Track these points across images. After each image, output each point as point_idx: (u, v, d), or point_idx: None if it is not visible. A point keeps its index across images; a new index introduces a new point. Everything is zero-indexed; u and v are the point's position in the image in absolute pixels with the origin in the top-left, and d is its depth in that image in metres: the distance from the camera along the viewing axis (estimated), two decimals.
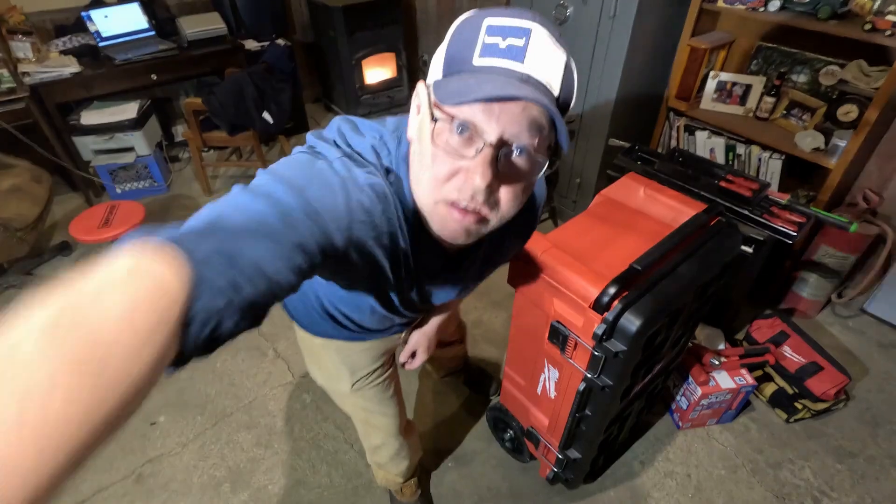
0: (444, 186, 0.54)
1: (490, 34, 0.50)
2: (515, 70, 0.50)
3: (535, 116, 0.50)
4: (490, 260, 0.79)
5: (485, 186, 0.51)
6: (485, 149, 0.50)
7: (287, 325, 2.19)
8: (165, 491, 1.62)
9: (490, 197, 0.53)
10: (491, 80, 0.49)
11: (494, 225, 0.58)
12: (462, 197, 0.53)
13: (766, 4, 1.87)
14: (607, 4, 1.97)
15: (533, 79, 0.50)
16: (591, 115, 2.27)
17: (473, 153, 0.51)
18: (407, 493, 1.52)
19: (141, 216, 2.12)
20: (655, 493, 1.59)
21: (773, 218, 1.63)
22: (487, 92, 0.47)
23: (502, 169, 0.53)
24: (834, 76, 1.91)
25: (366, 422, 1.23)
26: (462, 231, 0.57)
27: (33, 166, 2.35)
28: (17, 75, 2.48)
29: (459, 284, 0.79)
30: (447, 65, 0.53)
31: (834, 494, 1.59)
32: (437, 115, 0.51)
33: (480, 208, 0.54)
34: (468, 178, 0.52)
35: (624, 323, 0.98)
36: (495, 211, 0.56)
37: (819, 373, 1.71)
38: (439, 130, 0.52)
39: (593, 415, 1.21)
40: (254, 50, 3.15)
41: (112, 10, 2.82)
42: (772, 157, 2.02)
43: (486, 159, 0.50)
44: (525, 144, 0.51)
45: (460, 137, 0.51)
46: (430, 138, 0.53)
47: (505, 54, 0.50)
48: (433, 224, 0.58)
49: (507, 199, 0.55)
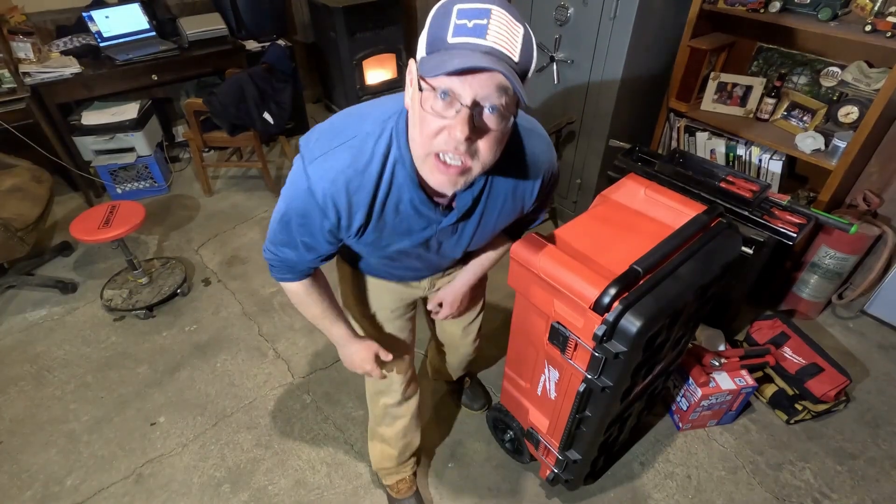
0: (433, 141, 0.67)
1: (459, 17, 0.62)
2: (480, 44, 0.61)
3: (500, 81, 0.62)
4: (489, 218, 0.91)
5: (464, 138, 0.64)
6: (462, 109, 0.63)
7: (287, 325, 2.19)
8: (165, 491, 1.62)
9: (470, 147, 0.67)
10: (461, 54, 0.60)
11: (478, 172, 0.72)
12: (448, 148, 0.67)
13: (767, 6, 1.87)
14: (608, 6, 1.97)
15: (496, 50, 0.61)
16: (592, 115, 2.27)
17: (454, 113, 0.64)
18: (402, 490, 1.52)
19: (141, 217, 2.12)
20: (656, 495, 1.59)
21: (773, 219, 1.63)
22: (457, 65, 0.59)
23: (478, 124, 0.66)
24: (834, 78, 1.91)
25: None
26: (447, 181, 0.71)
27: (34, 166, 2.36)
28: (18, 75, 2.48)
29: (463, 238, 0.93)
30: (429, 45, 0.64)
31: (834, 496, 1.59)
32: (423, 86, 0.65)
33: (464, 158, 0.68)
34: (451, 133, 0.65)
35: (624, 324, 0.98)
36: (476, 160, 0.69)
37: (819, 374, 1.71)
38: (426, 97, 0.65)
39: (593, 416, 1.21)
40: (254, 50, 3.15)
41: (113, 10, 2.82)
42: (772, 159, 2.02)
43: (464, 117, 0.63)
44: (494, 104, 0.64)
45: (443, 102, 0.64)
46: (419, 105, 0.66)
47: (471, 33, 0.61)
48: (424, 174, 0.73)
49: (484, 148, 0.68)
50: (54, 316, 2.25)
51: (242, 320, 2.21)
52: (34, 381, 1.96)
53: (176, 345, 2.10)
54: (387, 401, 1.33)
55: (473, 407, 1.83)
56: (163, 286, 2.31)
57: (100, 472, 1.67)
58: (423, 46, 0.66)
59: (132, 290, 2.29)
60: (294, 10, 3.65)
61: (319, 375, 1.97)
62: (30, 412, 1.85)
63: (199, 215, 2.88)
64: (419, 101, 0.66)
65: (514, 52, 0.63)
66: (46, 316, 2.24)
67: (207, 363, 2.02)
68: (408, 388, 1.33)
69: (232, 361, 2.03)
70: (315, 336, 2.13)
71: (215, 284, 2.40)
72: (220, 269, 2.49)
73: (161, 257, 2.52)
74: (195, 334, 2.15)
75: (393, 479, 1.52)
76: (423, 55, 0.65)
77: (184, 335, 2.15)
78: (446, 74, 0.61)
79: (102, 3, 2.84)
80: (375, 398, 1.36)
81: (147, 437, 1.77)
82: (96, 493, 1.62)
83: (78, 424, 1.81)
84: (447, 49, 0.62)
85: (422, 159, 0.71)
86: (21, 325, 2.20)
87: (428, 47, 0.65)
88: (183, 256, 2.56)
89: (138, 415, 1.84)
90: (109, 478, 1.65)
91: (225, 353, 2.06)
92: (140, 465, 1.69)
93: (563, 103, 2.37)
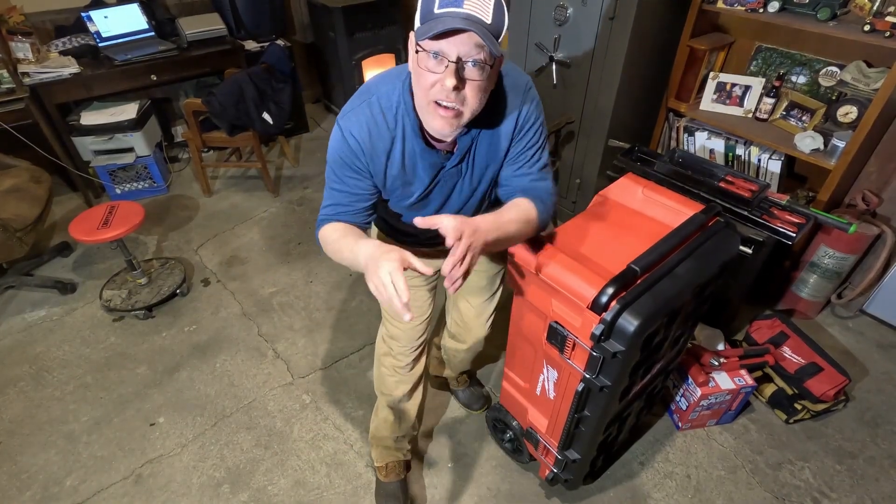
0: (430, 91, 0.86)
1: None
2: (459, 12, 0.79)
3: (477, 40, 0.79)
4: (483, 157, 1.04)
5: (452, 87, 0.82)
6: (450, 65, 0.82)
7: (286, 325, 2.19)
8: (165, 492, 1.62)
9: (459, 94, 0.85)
10: (443, 21, 0.78)
11: (468, 116, 0.89)
12: (441, 96, 0.85)
13: (766, 5, 1.87)
14: (607, 6, 1.97)
15: (472, 16, 0.79)
16: (591, 115, 2.27)
17: (443, 68, 0.83)
18: (391, 474, 1.54)
19: (140, 217, 2.12)
20: (655, 494, 1.59)
21: (772, 219, 1.63)
22: (440, 28, 0.78)
23: (464, 76, 0.84)
24: (833, 77, 1.91)
25: (390, 321, 1.34)
26: (446, 123, 0.88)
27: (33, 167, 2.36)
28: (17, 76, 2.49)
29: (466, 180, 1.07)
30: (421, 17, 0.83)
31: (833, 495, 1.59)
32: (418, 49, 0.84)
33: (455, 105, 0.86)
34: (443, 83, 0.83)
35: (622, 323, 0.98)
36: (466, 105, 0.87)
37: (818, 374, 1.71)
38: (421, 58, 0.84)
39: (592, 415, 1.21)
40: (253, 50, 3.15)
41: (112, 10, 2.82)
42: (771, 158, 2.02)
43: (451, 70, 0.82)
44: (475, 58, 0.82)
45: (434, 60, 0.83)
46: (417, 64, 0.86)
47: (451, 4, 0.79)
48: (427, 122, 0.92)
49: (471, 94, 0.86)
50: (53, 316, 2.25)
51: (242, 320, 2.21)
52: (33, 381, 1.96)
53: (175, 345, 2.10)
54: (395, 363, 1.36)
55: (473, 407, 1.83)
56: (162, 286, 2.31)
57: (99, 472, 1.67)
58: (417, 19, 0.84)
59: (131, 290, 2.29)
60: (293, 10, 3.65)
61: (319, 375, 1.98)
62: (29, 413, 1.85)
63: (199, 215, 2.88)
64: (416, 61, 0.85)
65: (486, 15, 0.80)
66: (45, 316, 2.24)
67: (207, 363, 2.02)
68: (418, 358, 1.39)
69: (231, 362, 2.03)
70: (315, 336, 2.13)
71: (214, 285, 2.40)
72: (219, 269, 2.49)
73: (160, 258, 2.52)
74: (194, 335, 2.15)
75: (384, 458, 1.54)
76: (418, 25, 0.83)
77: (183, 335, 2.15)
78: (434, 37, 0.79)
79: (101, 3, 2.84)
80: (384, 359, 1.39)
81: (146, 438, 1.77)
82: (96, 493, 1.62)
83: (77, 425, 1.81)
84: (434, 18, 0.80)
85: (424, 108, 0.90)
86: (20, 325, 2.20)
87: (421, 19, 0.83)
88: (182, 257, 2.56)
89: (138, 415, 1.84)
90: (109, 478, 1.65)
91: (224, 354, 2.06)
92: (139, 466, 1.69)
93: (562, 103, 2.37)
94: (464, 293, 1.44)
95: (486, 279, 1.40)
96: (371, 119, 0.96)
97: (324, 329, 2.17)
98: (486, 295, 1.43)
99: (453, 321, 1.55)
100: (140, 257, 2.53)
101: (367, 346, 2.09)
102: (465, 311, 1.47)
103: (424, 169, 1.02)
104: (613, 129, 2.23)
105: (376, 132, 0.97)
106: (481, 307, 1.45)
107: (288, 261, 2.53)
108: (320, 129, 3.76)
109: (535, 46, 2.33)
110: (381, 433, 1.51)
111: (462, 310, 1.47)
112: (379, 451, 1.55)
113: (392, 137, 0.98)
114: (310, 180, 3.17)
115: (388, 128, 0.97)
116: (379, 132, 0.97)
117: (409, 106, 0.95)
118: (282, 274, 2.45)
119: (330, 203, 1.04)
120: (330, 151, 1.03)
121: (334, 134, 1.00)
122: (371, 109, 0.96)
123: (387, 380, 1.41)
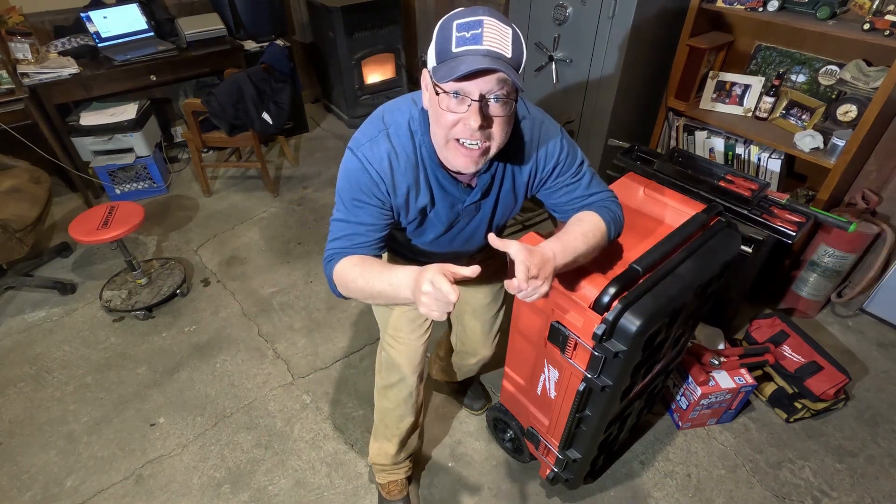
0: (452, 131, 0.83)
1: (458, 30, 0.77)
2: (479, 49, 0.75)
3: (499, 76, 0.77)
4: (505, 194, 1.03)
5: (477, 126, 0.79)
6: (472, 104, 0.78)
7: (286, 325, 2.19)
8: (165, 492, 1.62)
9: (484, 132, 0.82)
10: (465, 61, 0.75)
11: (495, 149, 0.87)
12: (465, 135, 0.82)
13: (765, 4, 1.87)
14: (606, 5, 1.97)
15: (492, 52, 0.75)
16: (591, 115, 2.27)
17: (465, 108, 0.79)
18: (394, 492, 1.53)
19: (140, 217, 2.12)
20: (656, 493, 1.59)
21: (772, 218, 1.63)
22: (464, 70, 0.74)
23: (487, 113, 0.81)
24: (833, 76, 1.91)
25: (391, 345, 1.29)
26: (470, 161, 0.86)
27: (32, 167, 2.35)
28: (16, 76, 2.48)
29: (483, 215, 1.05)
30: (437, 56, 0.79)
31: (834, 494, 1.59)
32: (438, 91, 0.80)
33: (482, 143, 0.83)
34: (466, 123, 0.80)
35: (624, 323, 0.98)
36: (492, 140, 0.85)
37: (819, 372, 1.71)
38: (442, 99, 0.80)
39: (593, 415, 1.21)
40: (253, 50, 3.15)
41: (111, 10, 2.81)
42: (771, 157, 2.02)
43: (475, 109, 0.79)
44: (497, 94, 0.79)
45: (455, 100, 0.79)
46: (437, 105, 0.82)
47: (470, 41, 0.76)
48: (446, 158, 0.89)
49: (497, 130, 0.84)
50: (53, 317, 2.24)
51: (242, 321, 2.21)
52: (33, 382, 1.96)
53: (175, 345, 2.10)
54: (399, 394, 1.33)
55: (473, 407, 1.83)
56: (162, 287, 2.30)
57: (99, 473, 1.67)
58: (432, 57, 0.81)
59: (131, 290, 2.29)
60: (292, 9, 3.65)
61: (319, 375, 1.97)
62: (29, 413, 1.85)
63: (198, 216, 2.87)
64: (437, 103, 0.81)
65: (506, 50, 0.77)
66: (45, 317, 2.24)
67: (207, 364, 2.02)
68: (419, 382, 1.34)
69: (231, 362, 2.03)
70: (314, 336, 2.13)
71: (214, 285, 2.40)
72: (219, 269, 2.49)
73: (160, 258, 2.52)
74: (194, 335, 2.15)
75: (386, 478, 1.53)
76: (434, 64, 0.80)
77: (183, 336, 2.15)
78: (456, 80, 0.75)
79: (100, 3, 2.83)
80: (387, 392, 1.36)
81: (147, 438, 1.77)
82: (96, 494, 1.61)
83: (77, 425, 1.81)
84: (453, 58, 0.76)
85: (442, 146, 0.87)
86: (20, 326, 2.20)
87: (437, 57, 0.79)
88: (182, 257, 2.56)
89: (138, 415, 1.84)
90: (109, 479, 1.65)
91: (224, 354, 2.06)
92: (140, 466, 1.69)
93: (562, 102, 2.37)
94: (469, 310, 1.43)
95: (491, 295, 1.40)
96: (392, 149, 0.92)
97: (324, 329, 2.17)
98: (491, 311, 1.43)
99: (458, 339, 1.54)
100: (140, 258, 2.52)
101: (367, 346, 2.09)
102: (470, 328, 1.47)
103: (443, 205, 1.00)
104: (613, 129, 2.23)
105: (397, 164, 0.93)
106: (488, 324, 1.45)
107: (288, 261, 2.53)
108: (320, 128, 3.76)
109: (535, 46, 2.33)
110: (379, 461, 1.49)
111: (467, 326, 1.47)
112: (381, 473, 1.54)
113: (416, 170, 0.94)
114: (309, 180, 3.17)
115: (408, 160, 0.93)
116: (399, 165, 0.93)
117: (426, 139, 0.92)
118: (282, 274, 2.45)
119: (343, 235, 0.96)
120: (344, 182, 0.96)
121: (350, 163, 0.94)
122: (389, 140, 0.92)
123: (390, 414, 1.38)
